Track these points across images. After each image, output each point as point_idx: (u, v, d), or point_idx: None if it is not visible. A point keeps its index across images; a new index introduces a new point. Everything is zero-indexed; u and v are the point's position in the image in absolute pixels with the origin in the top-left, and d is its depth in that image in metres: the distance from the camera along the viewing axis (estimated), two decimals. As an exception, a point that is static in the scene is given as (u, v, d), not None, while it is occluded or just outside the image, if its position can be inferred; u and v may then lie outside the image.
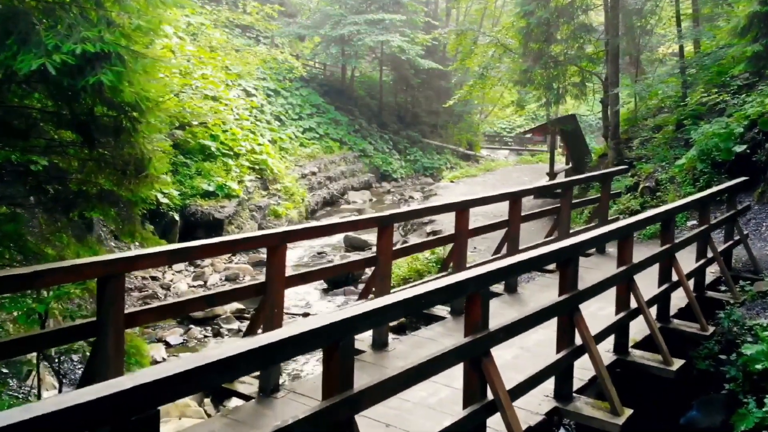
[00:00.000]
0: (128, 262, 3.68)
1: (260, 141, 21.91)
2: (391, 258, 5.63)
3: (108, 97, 4.57)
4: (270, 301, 4.57)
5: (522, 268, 4.08)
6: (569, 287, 4.58)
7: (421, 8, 35.78)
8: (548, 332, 6.19)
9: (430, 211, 6.19)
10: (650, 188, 13.88)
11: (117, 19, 4.49)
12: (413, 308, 3.18)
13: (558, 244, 4.51)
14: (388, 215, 5.51)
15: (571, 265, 4.56)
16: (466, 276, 3.53)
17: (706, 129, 12.64)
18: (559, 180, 15.67)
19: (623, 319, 5.49)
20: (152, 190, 5.04)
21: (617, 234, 5.29)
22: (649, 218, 5.92)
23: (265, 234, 4.47)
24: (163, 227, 16.10)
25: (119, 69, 4.34)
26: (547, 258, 4.30)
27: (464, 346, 3.50)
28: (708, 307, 7.48)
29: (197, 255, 3.91)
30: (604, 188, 9.42)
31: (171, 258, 3.93)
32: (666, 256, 6.28)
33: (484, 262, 7.47)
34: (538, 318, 4.22)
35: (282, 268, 4.60)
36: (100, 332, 3.70)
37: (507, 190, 7.86)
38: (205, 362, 2.21)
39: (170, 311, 4.06)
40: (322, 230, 5.11)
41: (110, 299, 3.68)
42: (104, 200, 5.03)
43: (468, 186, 24.02)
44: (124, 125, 4.74)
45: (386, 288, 5.61)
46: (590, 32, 17.19)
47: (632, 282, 5.56)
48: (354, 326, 2.80)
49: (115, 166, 4.90)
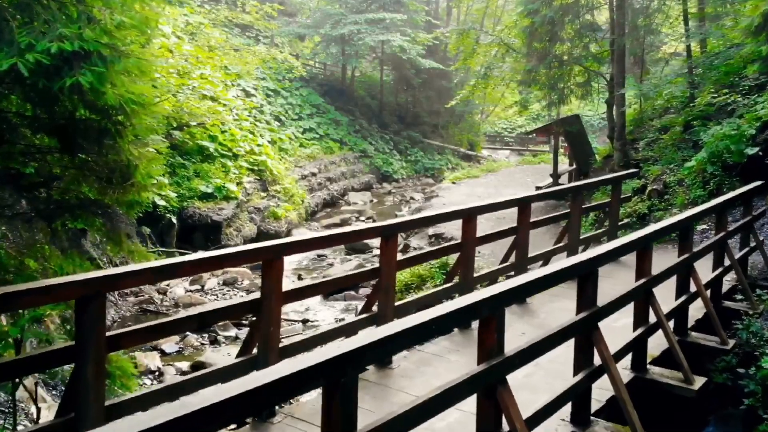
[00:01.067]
0: (109, 282, 3.35)
1: (259, 142, 21.58)
2: (395, 270, 5.30)
3: (90, 100, 4.23)
4: (266, 318, 4.24)
5: (539, 285, 3.75)
6: (588, 304, 4.26)
7: (422, 7, 35.46)
8: (561, 346, 5.88)
9: (436, 220, 5.87)
10: (658, 191, 13.55)
11: (98, 15, 4.14)
12: (423, 335, 2.86)
13: (576, 258, 4.18)
14: (391, 224, 5.18)
15: (590, 280, 4.24)
16: (479, 297, 3.21)
17: (717, 130, 12.31)
18: (569, 183, 15.36)
19: (642, 335, 5.17)
20: (140, 198, 4.71)
21: (636, 245, 4.96)
22: (668, 227, 5.59)
23: (260, 247, 4.15)
24: (160, 230, 15.79)
25: (100, 69, 4.00)
26: (565, 273, 3.98)
27: (478, 375, 3.18)
28: (724, 317, 7.16)
29: (185, 272, 3.59)
30: (615, 192, 9.09)
31: (156, 275, 3.60)
32: (685, 267, 5.96)
33: (493, 272, 7.15)
34: (557, 339, 3.90)
35: (278, 283, 4.28)
36: (78, 358, 3.37)
37: (511, 192, 7.55)
38: (183, 413, 1.88)
39: (157, 332, 3.74)
40: (320, 242, 4.78)
41: (90, 322, 3.36)
42: (88, 210, 4.70)
43: (470, 187, 23.69)
44: (108, 130, 4.41)
45: (390, 301, 5.29)
46: (596, 31, 16.85)
47: (651, 295, 5.23)
48: (358, 361, 2.48)
49: (98, 173, 4.57)
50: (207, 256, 3.81)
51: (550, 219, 8.03)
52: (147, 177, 4.61)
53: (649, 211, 13.24)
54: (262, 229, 18.29)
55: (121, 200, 4.68)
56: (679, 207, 12.63)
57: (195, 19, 24.11)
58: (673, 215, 12.63)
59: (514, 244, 7.02)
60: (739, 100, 12.71)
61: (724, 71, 14.72)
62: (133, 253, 5.12)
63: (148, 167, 4.65)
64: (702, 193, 12.29)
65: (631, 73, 18.13)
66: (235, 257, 4.06)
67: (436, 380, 5.21)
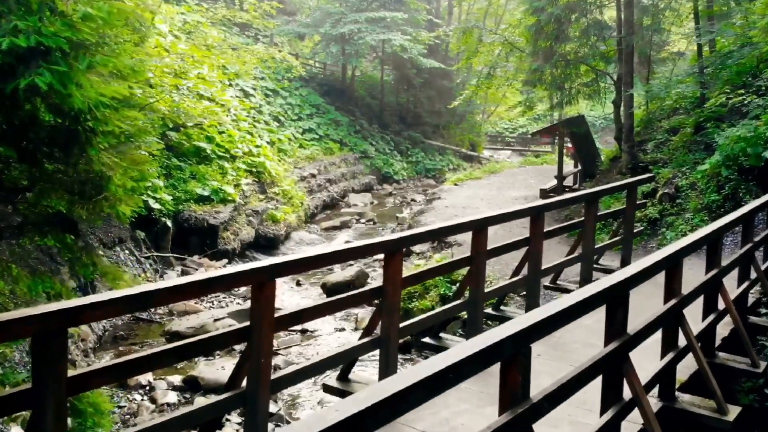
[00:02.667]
0: (71, 315, 2.87)
1: (258, 143, 21.10)
2: (400, 289, 4.82)
3: (55, 103, 3.73)
4: (256, 349, 3.77)
5: (568, 315, 3.28)
6: (618, 332, 3.79)
7: (423, 6, 34.98)
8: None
9: (445, 232, 5.40)
10: (669, 195, 13.07)
11: (61, 6, 3.64)
12: (438, 388, 2.38)
13: (606, 281, 3.71)
14: (396, 239, 4.71)
15: (621, 305, 3.77)
16: (500, 336, 2.74)
17: (732, 132, 11.83)
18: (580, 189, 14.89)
19: (672, 361, 4.70)
20: (117, 212, 4.22)
21: (667, 263, 4.49)
22: (698, 241, 5.11)
23: (250, 269, 3.66)
24: (155, 234, 15.33)
25: (61, 69, 3.50)
26: (596, 299, 3.51)
27: (501, 428, 2.71)
28: (749, 333, 6.69)
29: (162, 300, 3.11)
30: (630, 198, 8.61)
31: (129, 305, 3.12)
32: (714, 283, 5.49)
33: (504, 287, 6.68)
34: (587, 376, 3.43)
35: (270, 308, 3.80)
36: (36, 403, 2.91)
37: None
38: None
39: (128, 370, 3.26)
40: (318, 261, 4.31)
41: (49, 361, 2.89)
42: (58, 226, 4.22)
43: (473, 189, 23.17)
44: (77, 137, 3.91)
45: (394, 323, 4.81)
46: (604, 29, 16.36)
47: (682, 317, 4.76)
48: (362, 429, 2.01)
49: (67, 185, 4.07)
50: (187, 281, 3.33)
51: (564, 228, 7.55)
52: (124, 189, 4.11)
53: (661, 215, 12.78)
54: (261, 233, 17.83)
55: (93, 215, 4.20)
56: (692, 212, 12.16)
57: (193, 17, 23.63)
58: (686, 220, 12.21)
59: (527, 256, 6.55)
60: (755, 100, 12.23)
61: (735, 71, 14.23)
62: (107, 275, 4.63)
63: (123, 178, 4.16)
64: (717, 197, 11.82)
65: (637, 73, 17.64)
66: (222, 282, 3.57)
67: (445, 411, 4.74)
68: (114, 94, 3.78)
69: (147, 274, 14.36)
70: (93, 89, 3.68)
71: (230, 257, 16.20)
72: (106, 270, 4.60)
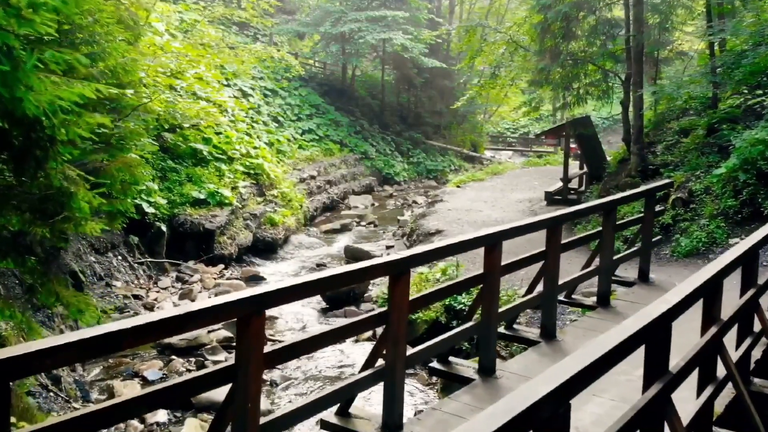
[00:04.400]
0: (13, 365, 2.37)
1: (256, 144, 20.58)
2: (407, 314, 4.31)
3: (7, 110, 3.21)
4: (242, 391, 3.26)
5: (612, 361, 2.77)
6: (659, 371, 3.28)
7: (424, 5, 34.47)
8: (605, 402, 4.91)
9: (455, 249, 4.89)
10: (683, 199, 12.55)
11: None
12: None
13: (646, 316, 3.19)
14: (402, 259, 4.19)
15: (664, 341, 3.26)
16: (536, 396, 2.23)
17: (750, 135, 11.32)
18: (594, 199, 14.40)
19: (711, 397, 4.19)
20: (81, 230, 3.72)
21: (707, 288, 3.98)
22: (735, 261, 4.59)
23: (234, 300, 3.14)
24: (149, 239, 14.84)
25: (3, 68, 2.97)
26: (638, 338, 3.00)
27: None
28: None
29: (127, 343, 2.60)
30: (648, 206, 8.09)
31: (84, 351, 2.59)
32: (750, 304, 4.99)
33: (519, 306, 6.17)
34: (630, 426, 2.92)
35: (259, 344, 3.29)
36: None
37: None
38: None
39: (93, 425, 2.74)
40: (312, 287, 3.77)
41: None
42: (16, 248, 3.70)
43: (476, 191, 22.67)
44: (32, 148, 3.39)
45: (401, 354, 4.29)
46: (614, 28, 15.83)
47: (722, 346, 4.26)
48: None
49: (23, 202, 3.55)
50: (159, 319, 2.81)
51: (582, 240, 7.03)
52: (85, 207, 3.57)
53: (674, 221, 12.26)
54: (259, 237, 17.32)
55: (55, 237, 3.68)
56: (708, 218, 11.65)
57: (190, 16, 23.13)
58: (701, 227, 11.69)
59: (543, 271, 6.04)
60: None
61: (749, 71, 13.71)
62: (72, 305, 4.07)
63: (87, 194, 3.62)
64: (734, 203, 11.30)
65: (644, 73, 17.13)
66: (204, 315, 3.05)
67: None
68: (75, 97, 3.25)
69: (140, 281, 13.87)
70: (48, 92, 3.15)
71: (227, 262, 15.72)
72: (69, 300, 4.06)
